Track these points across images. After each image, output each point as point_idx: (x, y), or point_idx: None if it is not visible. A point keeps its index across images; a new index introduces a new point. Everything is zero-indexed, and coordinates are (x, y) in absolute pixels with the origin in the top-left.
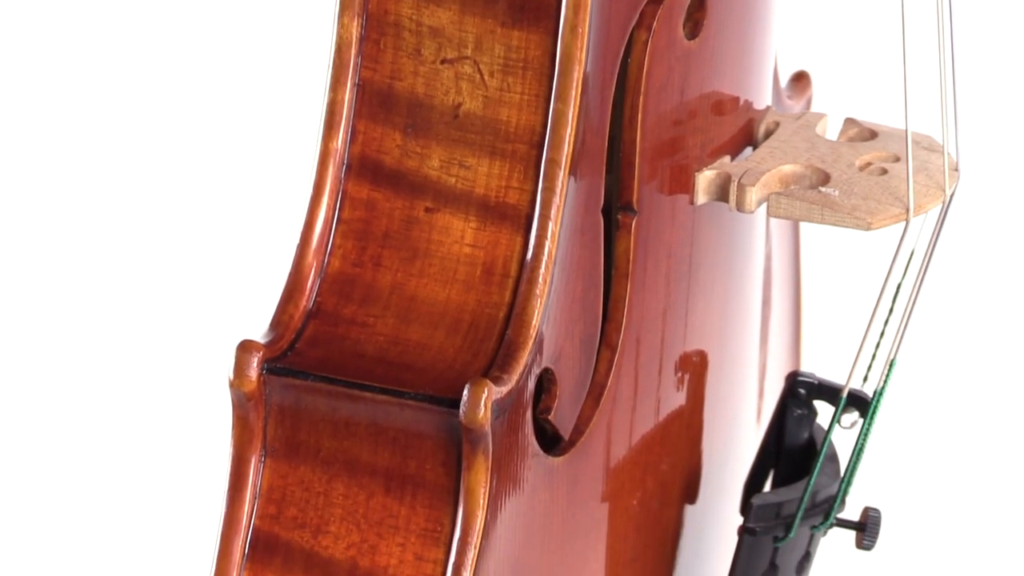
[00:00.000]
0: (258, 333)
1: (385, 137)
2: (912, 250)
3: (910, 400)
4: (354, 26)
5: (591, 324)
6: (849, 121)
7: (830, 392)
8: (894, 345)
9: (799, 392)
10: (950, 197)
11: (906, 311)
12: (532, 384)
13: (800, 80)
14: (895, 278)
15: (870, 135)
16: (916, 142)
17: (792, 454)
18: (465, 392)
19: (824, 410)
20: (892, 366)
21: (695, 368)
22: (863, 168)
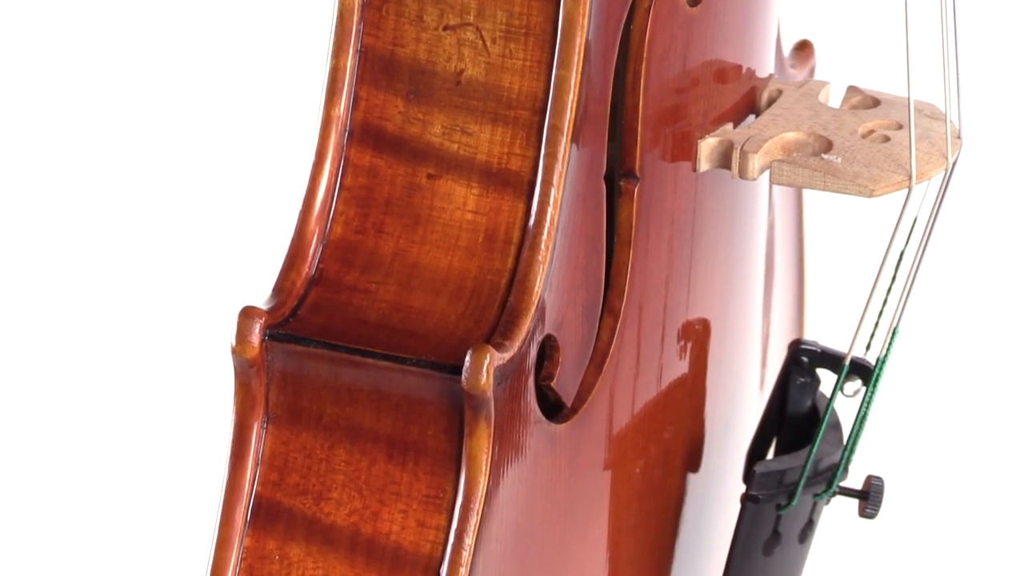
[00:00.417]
0: (260, 300)
1: (387, 104)
2: (915, 218)
3: (913, 368)
4: None
5: (593, 291)
6: (852, 89)
7: (833, 360)
8: (897, 313)
9: (802, 360)
10: (953, 165)
11: (909, 279)
12: (534, 351)
13: (803, 49)
14: (898, 246)
15: (873, 103)
16: (919, 110)
17: (795, 422)
18: (467, 358)
19: (827, 378)
20: (895, 334)
21: (698, 336)
22: (866, 136)
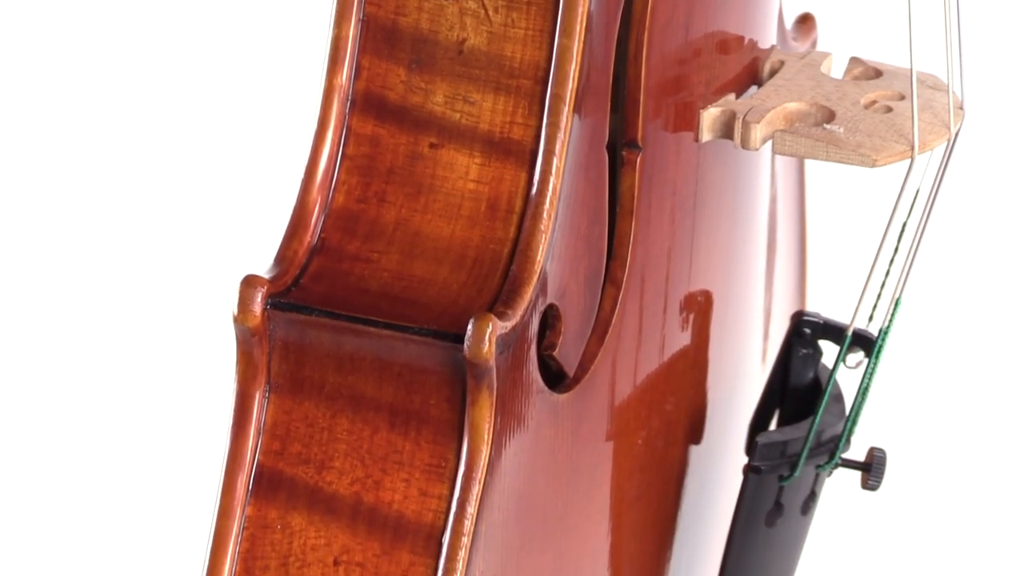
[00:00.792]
0: (262, 269)
1: (389, 73)
2: (917, 189)
3: (915, 339)
4: None
5: (596, 261)
6: (854, 60)
7: (835, 332)
8: (899, 284)
9: (804, 332)
10: (955, 135)
11: (911, 250)
12: (537, 320)
13: (805, 22)
14: (900, 217)
15: (875, 74)
16: (921, 81)
17: (797, 394)
18: (469, 327)
19: (829, 350)
20: (897, 305)
21: (700, 308)
22: (868, 106)
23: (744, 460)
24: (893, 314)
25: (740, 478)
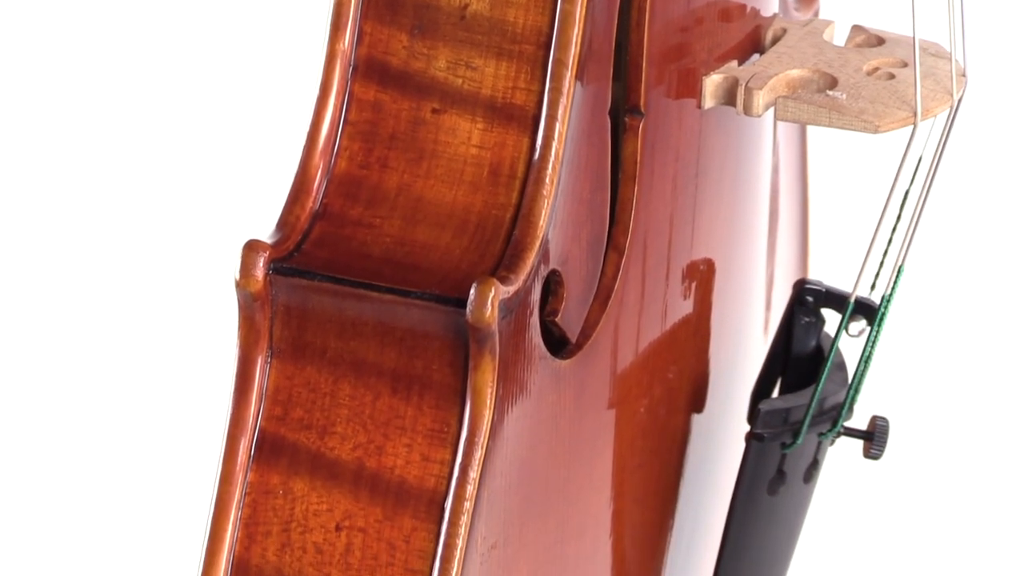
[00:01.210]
0: (265, 234)
1: (392, 38)
2: (919, 156)
3: (918, 307)
4: None
5: (598, 227)
6: (856, 28)
7: (837, 300)
8: (901, 252)
9: (806, 300)
10: (958, 102)
11: (913, 217)
12: (539, 286)
13: None
14: (902, 184)
15: (877, 42)
16: (923, 48)
17: (800, 362)
18: (472, 291)
19: (832, 318)
20: (900, 273)
21: (702, 276)
22: (870, 73)
23: (746, 429)
24: (895, 282)
25: (742, 447)
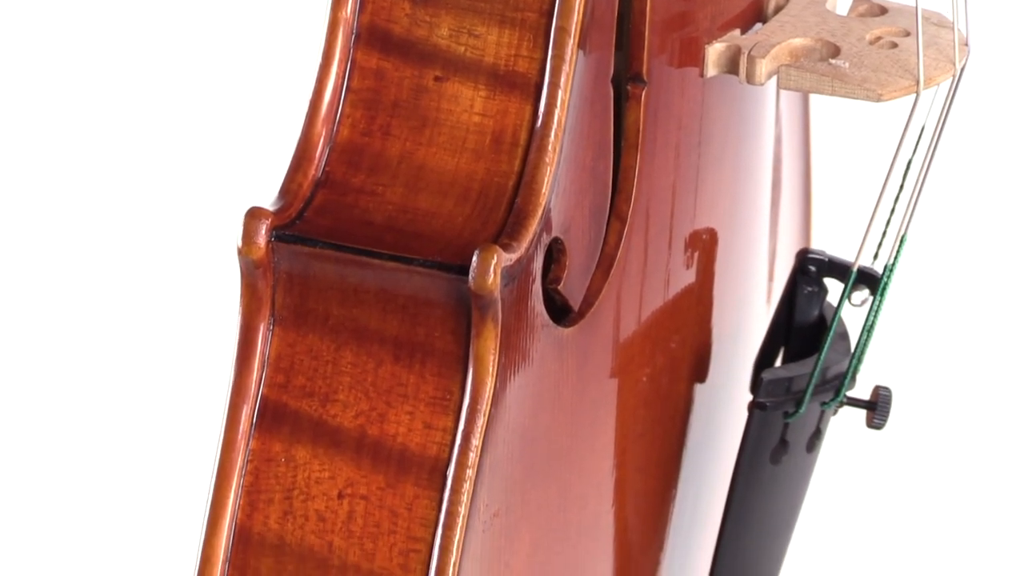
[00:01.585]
0: (267, 201)
1: (394, 6)
2: (922, 125)
3: (920, 277)
4: None
5: (601, 195)
6: None
7: (840, 269)
8: (904, 221)
9: (809, 269)
10: (960, 71)
11: (916, 186)
12: (542, 254)
13: None
14: (905, 153)
15: (880, 11)
16: (926, 18)
17: (802, 332)
18: (474, 258)
19: (834, 287)
20: (902, 242)
21: (705, 246)
22: (873, 42)
23: (749, 399)
24: (898, 252)
25: (745, 416)
